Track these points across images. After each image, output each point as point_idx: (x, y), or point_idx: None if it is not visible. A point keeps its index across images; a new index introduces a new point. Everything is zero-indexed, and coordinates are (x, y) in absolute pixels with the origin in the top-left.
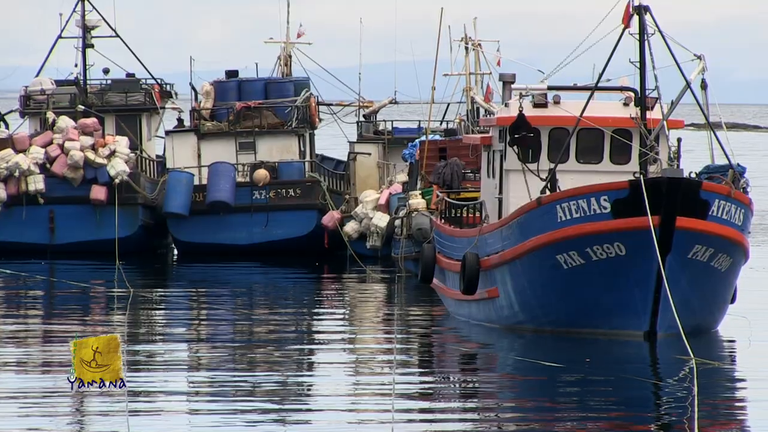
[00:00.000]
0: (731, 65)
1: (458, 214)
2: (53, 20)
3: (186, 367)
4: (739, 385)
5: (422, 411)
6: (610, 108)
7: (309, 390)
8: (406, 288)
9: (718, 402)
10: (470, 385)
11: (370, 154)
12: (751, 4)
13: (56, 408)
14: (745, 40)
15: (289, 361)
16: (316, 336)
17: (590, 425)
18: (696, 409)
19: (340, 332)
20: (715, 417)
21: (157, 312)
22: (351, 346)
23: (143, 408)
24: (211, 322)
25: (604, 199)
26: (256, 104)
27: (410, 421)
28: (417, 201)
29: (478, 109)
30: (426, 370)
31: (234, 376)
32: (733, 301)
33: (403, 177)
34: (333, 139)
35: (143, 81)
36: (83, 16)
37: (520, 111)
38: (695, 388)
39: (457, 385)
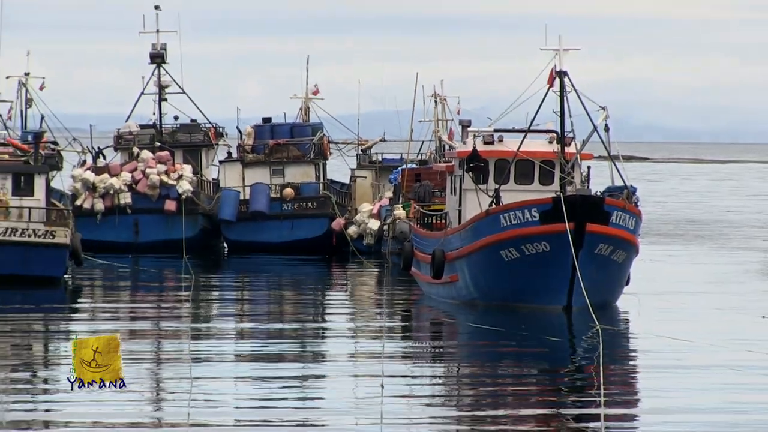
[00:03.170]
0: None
1: (429, 221)
2: (137, 81)
3: (233, 335)
4: (632, 342)
5: (406, 360)
6: (538, 145)
7: (319, 345)
8: (392, 274)
9: (618, 355)
10: (438, 342)
11: (365, 177)
12: (644, 69)
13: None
14: (639, 95)
15: (306, 328)
16: (327, 308)
17: (525, 371)
18: (602, 360)
19: (344, 305)
20: (616, 366)
21: (213, 292)
22: (351, 315)
23: (204, 359)
24: (253, 299)
25: (534, 211)
26: (285, 142)
27: (396, 374)
28: (399, 212)
29: (444, 145)
30: (407, 333)
31: (267, 340)
32: (627, 283)
33: (389, 194)
34: (339, 167)
35: (203, 125)
36: (159, 78)
37: (474, 147)
38: (600, 346)
39: (429, 343)
